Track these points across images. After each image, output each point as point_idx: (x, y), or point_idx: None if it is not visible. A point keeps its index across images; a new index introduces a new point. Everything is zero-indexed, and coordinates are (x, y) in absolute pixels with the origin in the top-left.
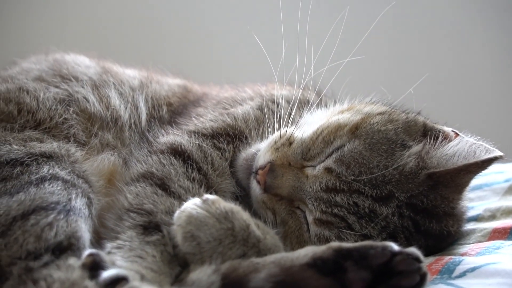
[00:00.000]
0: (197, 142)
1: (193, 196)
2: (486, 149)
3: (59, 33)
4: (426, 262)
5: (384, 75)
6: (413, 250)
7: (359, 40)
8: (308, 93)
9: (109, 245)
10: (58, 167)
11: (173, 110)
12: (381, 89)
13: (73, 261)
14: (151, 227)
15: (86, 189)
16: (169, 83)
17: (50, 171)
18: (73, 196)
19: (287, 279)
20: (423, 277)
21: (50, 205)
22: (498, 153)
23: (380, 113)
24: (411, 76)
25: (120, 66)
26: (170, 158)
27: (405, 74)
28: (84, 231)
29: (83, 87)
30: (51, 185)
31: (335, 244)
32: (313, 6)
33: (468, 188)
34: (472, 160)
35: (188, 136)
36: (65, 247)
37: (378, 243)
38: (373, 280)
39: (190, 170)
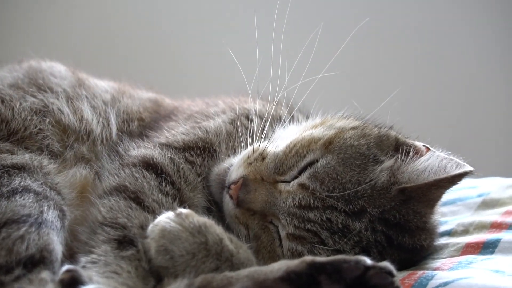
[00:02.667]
0: (169, 155)
1: (167, 210)
2: (456, 164)
3: (38, 41)
4: (399, 277)
5: (357, 90)
6: (386, 264)
7: (333, 55)
8: (281, 108)
9: (83, 259)
10: (30, 179)
11: (144, 125)
12: (353, 103)
13: (45, 274)
14: (126, 241)
15: (59, 201)
16: (141, 97)
17: (22, 183)
18: (45, 208)
19: None
20: None
21: (21, 218)
22: (468, 168)
23: (353, 128)
24: (384, 90)
25: (93, 78)
26: (142, 172)
27: (377, 88)
28: (57, 244)
29: (57, 98)
30: (22, 197)
31: (308, 258)
32: (288, 21)
33: (440, 202)
34: (442, 175)
35: (160, 149)
36: (38, 260)
37: (352, 257)
38: None
39: (163, 184)
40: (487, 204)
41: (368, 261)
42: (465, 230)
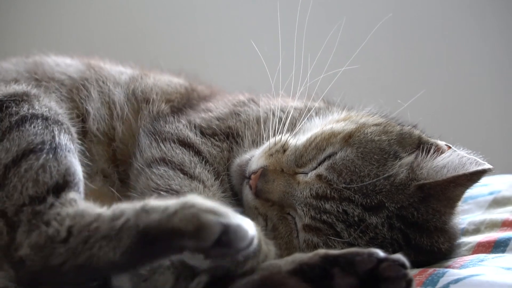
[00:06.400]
0: (203, 140)
1: (212, 185)
2: (476, 162)
3: (52, 36)
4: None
5: (381, 87)
6: (399, 256)
7: (356, 50)
8: (304, 103)
9: None
10: (38, 104)
11: (175, 106)
12: (379, 101)
13: (73, 195)
14: None
15: (68, 124)
16: (171, 80)
17: (30, 110)
18: (56, 132)
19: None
20: (409, 283)
21: (37, 147)
22: (487, 166)
23: (376, 124)
24: (408, 87)
25: (110, 62)
26: (181, 148)
27: (401, 85)
28: (77, 165)
29: (62, 85)
30: (32, 125)
31: (321, 250)
32: (311, 15)
33: (460, 203)
34: (461, 172)
35: (194, 130)
36: (62, 185)
37: (365, 250)
38: (360, 286)
39: (203, 162)
40: (499, 202)
41: (381, 253)
42: (476, 229)
